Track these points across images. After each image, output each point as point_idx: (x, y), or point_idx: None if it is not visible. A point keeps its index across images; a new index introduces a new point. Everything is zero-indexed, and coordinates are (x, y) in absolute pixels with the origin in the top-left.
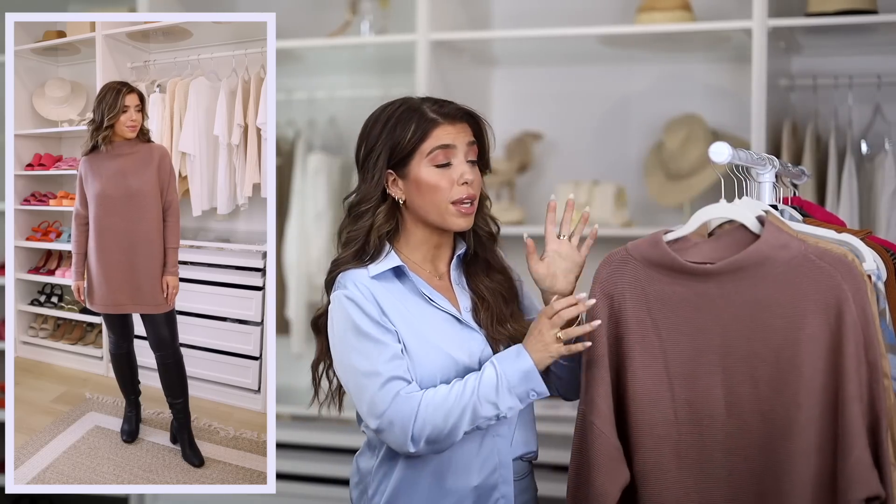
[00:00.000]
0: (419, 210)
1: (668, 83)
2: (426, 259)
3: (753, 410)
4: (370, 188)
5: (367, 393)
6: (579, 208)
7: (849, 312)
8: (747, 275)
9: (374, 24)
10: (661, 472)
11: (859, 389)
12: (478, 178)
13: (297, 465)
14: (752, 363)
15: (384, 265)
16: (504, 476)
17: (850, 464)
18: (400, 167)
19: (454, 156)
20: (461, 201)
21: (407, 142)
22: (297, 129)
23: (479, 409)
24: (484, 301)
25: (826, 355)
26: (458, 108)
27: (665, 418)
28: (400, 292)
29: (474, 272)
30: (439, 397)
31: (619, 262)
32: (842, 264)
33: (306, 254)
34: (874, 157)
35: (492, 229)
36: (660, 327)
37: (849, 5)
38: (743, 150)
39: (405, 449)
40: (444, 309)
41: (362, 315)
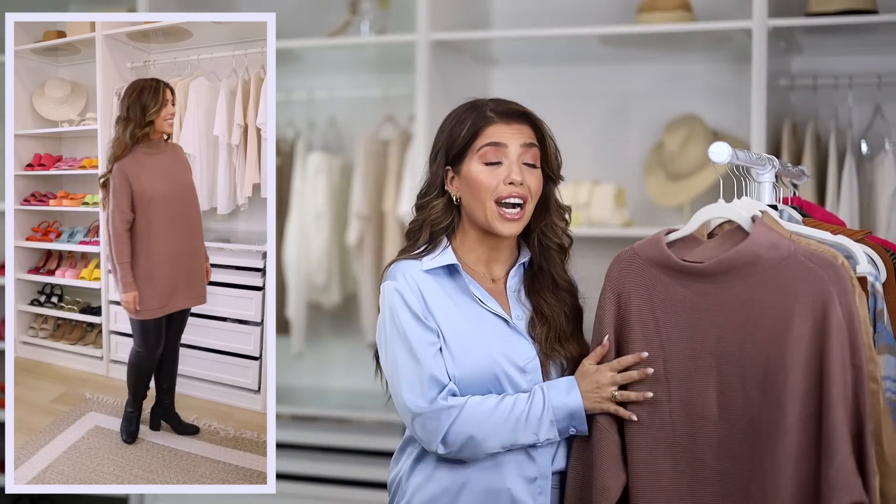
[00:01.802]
0: (469, 209)
1: (668, 83)
2: (480, 261)
3: (743, 414)
4: (430, 183)
5: (403, 387)
6: (579, 208)
7: (835, 315)
8: (740, 275)
9: (374, 24)
10: (655, 472)
11: (844, 394)
12: (533, 181)
13: (297, 465)
14: (742, 365)
15: (438, 261)
16: (542, 487)
17: (833, 470)
18: (456, 164)
19: (505, 155)
20: (504, 202)
21: (461, 138)
22: (297, 129)
23: (519, 435)
24: (543, 317)
25: (812, 358)
26: (516, 108)
27: (661, 419)
28: (451, 289)
29: (538, 287)
30: (482, 411)
31: (627, 261)
32: (830, 266)
33: (306, 254)
34: (874, 157)
35: (563, 242)
36: (660, 327)
37: (849, 5)
38: (743, 150)
39: (432, 449)
40: (493, 311)
41: (406, 309)
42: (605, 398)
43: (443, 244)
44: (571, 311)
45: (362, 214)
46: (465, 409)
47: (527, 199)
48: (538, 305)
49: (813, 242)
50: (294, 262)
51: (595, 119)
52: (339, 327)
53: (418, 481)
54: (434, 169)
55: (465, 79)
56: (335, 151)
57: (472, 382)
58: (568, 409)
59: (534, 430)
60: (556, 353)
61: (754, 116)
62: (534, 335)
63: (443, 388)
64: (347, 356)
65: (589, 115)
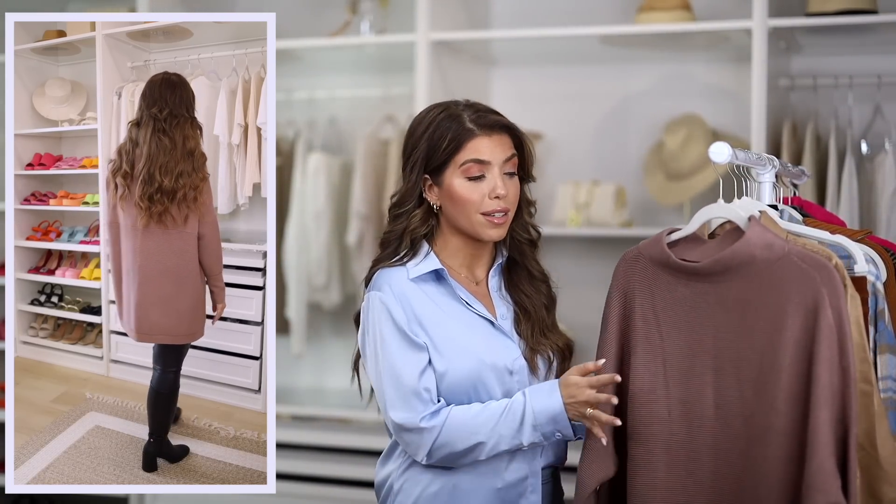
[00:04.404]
0: (452, 218)
1: (668, 83)
2: (463, 265)
3: (738, 413)
4: (407, 192)
5: (388, 402)
6: (579, 208)
7: (824, 316)
8: (737, 275)
9: (374, 24)
10: (650, 469)
11: (830, 395)
12: (513, 190)
13: (297, 465)
14: (738, 365)
15: (424, 267)
16: (533, 485)
17: (811, 469)
18: (436, 174)
19: (488, 170)
20: (492, 213)
21: (442, 151)
22: (297, 129)
23: (503, 442)
24: (526, 312)
25: (802, 359)
26: (498, 120)
27: (659, 416)
28: (437, 295)
29: (515, 281)
30: (465, 422)
31: (632, 260)
32: (822, 268)
33: (306, 254)
34: (874, 157)
35: (532, 237)
36: (661, 325)
37: (849, 5)
38: (743, 150)
39: (417, 459)
40: (479, 313)
41: (391, 323)
42: (581, 409)
43: (425, 249)
44: (548, 300)
45: (362, 214)
46: (448, 422)
47: (509, 210)
48: (519, 300)
49: (810, 243)
50: (294, 261)
51: (595, 119)
52: (339, 327)
53: (410, 483)
54: (412, 178)
55: (465, 79)
56: (335, 151)
57: (460, 385)
58: (550, 413)
59: (517, 434)
60: (543, 347)
61: (754, 116)
62: (520, 332)
63: (427, 404)
64: (347, 356)
65: (589, 115)
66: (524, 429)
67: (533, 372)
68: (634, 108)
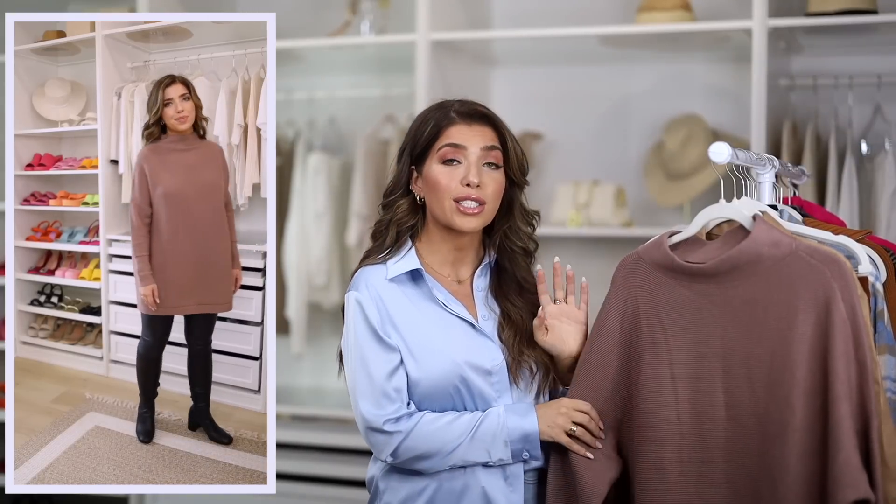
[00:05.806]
0: (431, 208)
1: (668, 83)
2: (446, 262)
3: (750, 413)
4: (395, 182)
5: (359, 399)
6: (579, 208)
7: (837, 310)
8: (743, 274)
9: (374, 24)
10: (662, 475)
11: (848, 389)
12: (493, 184)
13: (297, 465)
14: (749, 364)
15: (401, 267)
16: (514, 486)
17: (837, 465)
18: (419, 163)
19: (464, 156)
20: (462, 200)
21: (423, 137)
22: (297, 129)
23: (470, 453)
24: (511, 320)
25: (817, 355)
26: (479, 109)
27: (668, 421)
28: (414, 296)
29: (505, 290)
30: (434, 430)
31: (632, 265)
32: (832, 262)
33: (306, 254)
34: (874, 157)
35: (527, 246)
36: (667, 330)
37: (849, 5)
38: (743, 150)
39: (382, 459)
40: (457, 314)
41: (364, 323)
42: (560, 431)
43: (406, 246)
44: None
45: (362, 214)
46: (417, 427)
47: (484, 202)
48: (505, 308)
49: (813, 242)
50: (294, 262)
51: (595, 119)
52: (339, 327)
53: (393, 482)
54: (400, 168)
55: (465, 79)
56: (335, 151)
57: (437, 389)
58: (522, 432)
59: (486, 448)
60: (525, 358)
61: (754, 116)
62: (503, 338)
63: (395, 403)
64: None
65: (589, 115)
66: (496, 443)
67: (514, 382)
68: (634, 108)
